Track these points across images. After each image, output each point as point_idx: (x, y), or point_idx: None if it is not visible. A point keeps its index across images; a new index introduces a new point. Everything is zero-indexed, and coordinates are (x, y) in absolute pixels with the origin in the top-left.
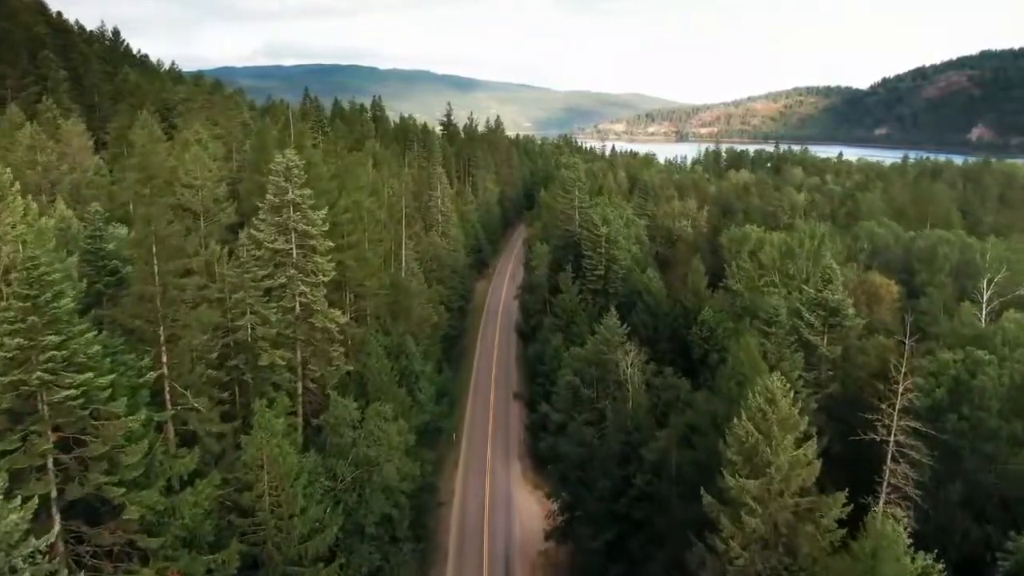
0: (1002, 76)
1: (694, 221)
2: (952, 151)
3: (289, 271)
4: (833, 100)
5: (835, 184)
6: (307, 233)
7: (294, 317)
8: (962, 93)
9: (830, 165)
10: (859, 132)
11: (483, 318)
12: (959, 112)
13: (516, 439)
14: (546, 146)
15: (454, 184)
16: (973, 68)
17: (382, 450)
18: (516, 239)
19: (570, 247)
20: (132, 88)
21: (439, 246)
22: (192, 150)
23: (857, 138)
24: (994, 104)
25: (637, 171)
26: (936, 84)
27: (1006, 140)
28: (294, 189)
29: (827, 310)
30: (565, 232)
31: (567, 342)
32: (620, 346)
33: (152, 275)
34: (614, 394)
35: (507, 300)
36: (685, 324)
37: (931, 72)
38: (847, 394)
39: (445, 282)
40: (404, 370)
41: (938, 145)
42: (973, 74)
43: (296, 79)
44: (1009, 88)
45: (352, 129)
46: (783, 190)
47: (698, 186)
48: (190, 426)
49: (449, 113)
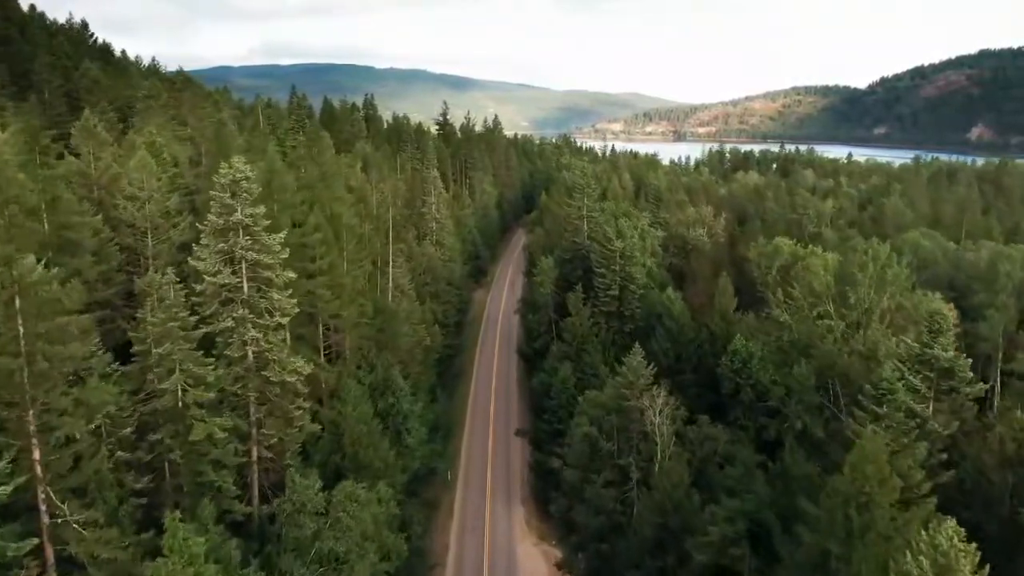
0: (1001, 75)
1: (710, 229)
2: (952, 151)
3: (238, 311)
4: (831, 100)
5: (850, 187)
6: (260, 263)
7: (244, 369)
8: (961, 92)
9: (842, 166)
10: (858, 132)
11: (481, 333)
12: (958, 112)
13: (519, 480)
14: (545, 146)
15: (450, 187)
16: (972, 67)
17: (353, 542)
18: (515, 244)
19: (578, 261)
20: (90, 85)
21: (433, 257)
22: (138, 155)
23: (856, 138)
24: (993, 103)
25: (642, 173)
26: (935, 83)
27: (1006, 139)
28: (243, 207)
29: (936, 370)
30: (572, 244)
31: (577, 372)
32: (647, 391)
33: (16, 341)
34: (638, 446)
35: (507, 312)
36: (712, 353)
37: (930, 71)
38: (973, 486)
39: (440, 296)
40: (391, 409)
41: (938, 145)
42: (972, 73)
43: (292, 79)
44: (1008, 87)
45: (341, 129)
46: (798, 194)
47: (708, 189)
48: (72, 549)
49: (445, 112)
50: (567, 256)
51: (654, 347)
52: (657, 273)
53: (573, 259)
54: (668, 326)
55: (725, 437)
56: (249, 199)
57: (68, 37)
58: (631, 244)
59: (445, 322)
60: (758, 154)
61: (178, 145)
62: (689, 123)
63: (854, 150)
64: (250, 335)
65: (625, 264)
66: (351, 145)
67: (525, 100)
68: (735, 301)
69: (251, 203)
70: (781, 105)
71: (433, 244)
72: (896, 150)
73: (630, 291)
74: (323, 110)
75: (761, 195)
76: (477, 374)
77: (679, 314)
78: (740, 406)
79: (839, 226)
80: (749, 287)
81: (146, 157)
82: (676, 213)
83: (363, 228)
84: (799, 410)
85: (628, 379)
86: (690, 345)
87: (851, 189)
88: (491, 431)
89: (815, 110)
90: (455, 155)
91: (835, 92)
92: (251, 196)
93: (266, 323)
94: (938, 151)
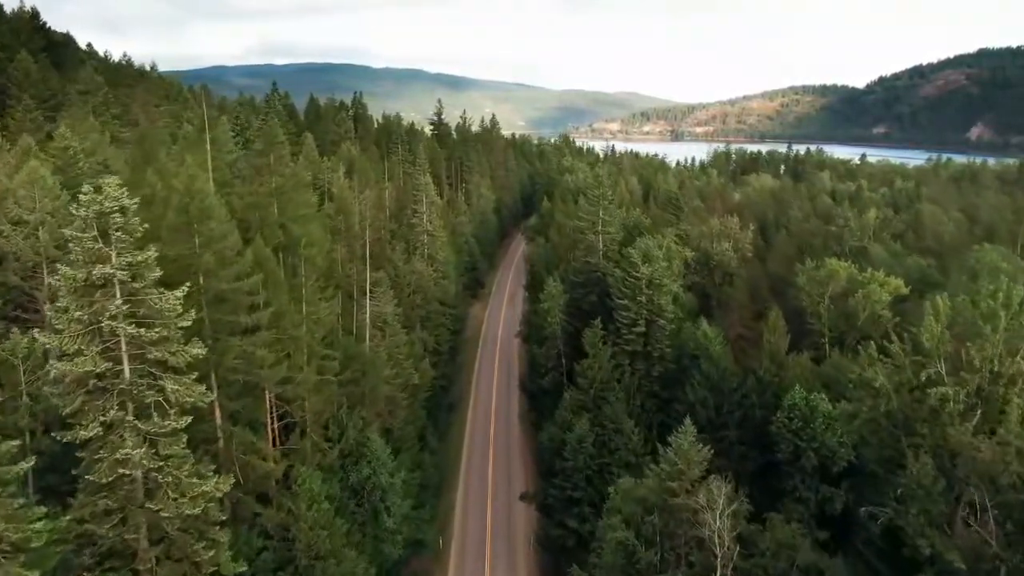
0: (1000, 75)
1: (737, 243)
2: (953, 150)
3: (111, 411)
4: (829, 99)
5: (871, 190)
6: (145, 338)
7: (124, 496)
8: (960, 92)
9: (858, 168)
10: (857, 131)
11: (478, 357)
12: (958, 111)
13: (524, 558)
14: (544, 146)
15: (444, 192)
16: (971, 67)
17: None
18: (514, 250)
19: (592, 285)
20: (21, 78)
21: (424, 275)
22: (28, 166)
23: (855, 137)
24: (993, 103)
25: (650, 176)
26: (934, 83)
27: (1006, 139)
28: (120, 253)
29: None
30: (585, 265)
31: (596, 426)
32: (702, 484)
33: None
34: (689, 557)
35: (507, 334)
36: (762, 405)
37: (928, 71)
38: None
39: (432, 319)
40: (366, 483)
41: (938, 144)
42: (971, 73)
43: (288, 78)
44: (1008, 87)
45: (327, 129)
46: (818, 199)
47: (723, 195)
48: None
49: (440, 112)
50: (579, 279)
51: (689, 396)
52: (684, 299)
53: (586, 283)
54: (706, 370)
55: (805, 547)
56: (126, 241)
57: (11, 27)
58: (659, 269)
59: (438, 349)
60: (765, 155)
61: (116, 150)
62: (687, 123)
63: (855, 149)
64: (126, 453)
65: (653, 294)
66: (337, 146)
67: (522, 100)
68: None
69: (132, 246)
70: (779, 105)
71: (424, 259)
72: (897, 149)
73: (658, 326)
74: (308, 109)
75: (780, 201)
76: (473, 412)
77: (719, 356)
78: (802, 474)
79: (882, 239)
80: (793, 316)
81: (38, 169)
82: (696, 224)
83: (336, 249)
84: (921, 525)
85: (676, 467)
86: (733, 395)
87: (873, 192)
88: (490, 490)
89: (813, 110)
90: (450, 157)
91: (833, 91)
92: (129, 236)
93: (159, 427)
94: (939, 151)
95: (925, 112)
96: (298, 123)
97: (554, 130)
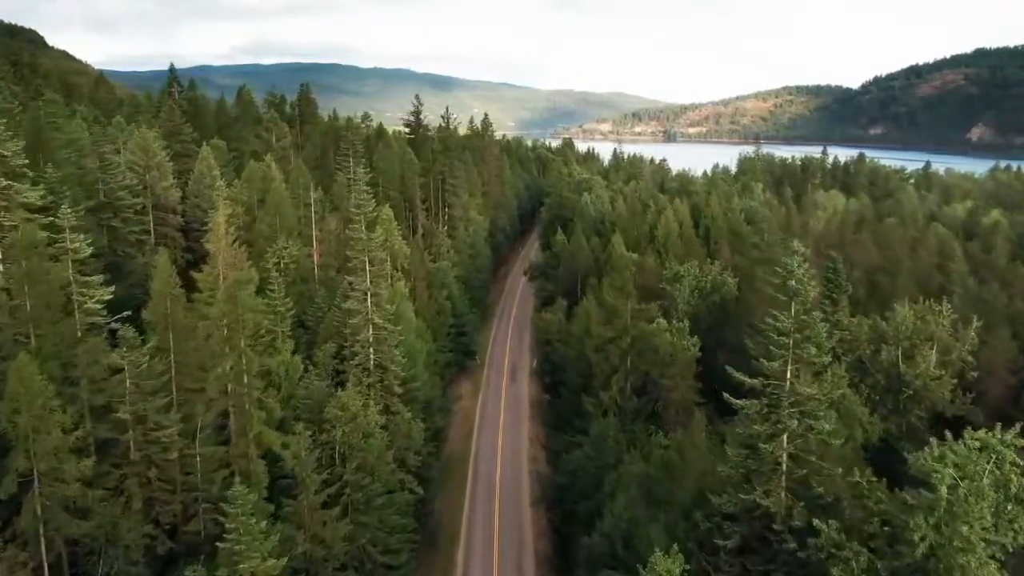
0: (999, 75)
1: (946, 347)
2: (953, 151)
3: None
4: (824, 99)
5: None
6: None
7: None
8: (959, 92)
9: (933, 180)
10: (853, 131)
11: (465, 511)
12: (957, 111)
13: None
14: (543, 151)
15: (418, 226)
16: (968, 66)
17: None
18: (513, 285)
19: None
20: None
21: (360, 422)
22: None
23: (851, 137)
24: (993, 103)
25: (699, 199)
26: (931, 83)
27: (1008, 140)
28: None
29: None
30: None
31: None
32: None
33: None
34: None
35: (512, 443)
36: None
37: (925, 71)
38: None
39: (371, 502)
40: None
41: (938, 145)
42: (969, 72)
43: (274, 78)
44: (1007, 87)
45: (247, 137)
46: (930, 228)
47: (810, 230)
48: None
49: (418, 111)
50: None
51: None
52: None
53: None
54: None
55: None
56: None
57: None
58: None
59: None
60: (791, 160)
61: None
62: (679, 123)
63: (853, 150)
64: None
65: None
66: (260, 157)
67: (510, 100)
68: None
69: None
70: (773, 105)
71: (364, 389)
72: (895, 150)
73: None
74: (235, 104)
75: (888, 238)
76: None
77: None
78: None
79: None
80: None
81: None
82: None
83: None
84: None
85: None
86: None
87: (985, 218)
88: None
89: (808, 110)
90: (429, 171)
91: (827, 92)
92: None
93: None
94: (940, 152)
95: (923, 113)
96: (205, 126)
97: (544, 131)
